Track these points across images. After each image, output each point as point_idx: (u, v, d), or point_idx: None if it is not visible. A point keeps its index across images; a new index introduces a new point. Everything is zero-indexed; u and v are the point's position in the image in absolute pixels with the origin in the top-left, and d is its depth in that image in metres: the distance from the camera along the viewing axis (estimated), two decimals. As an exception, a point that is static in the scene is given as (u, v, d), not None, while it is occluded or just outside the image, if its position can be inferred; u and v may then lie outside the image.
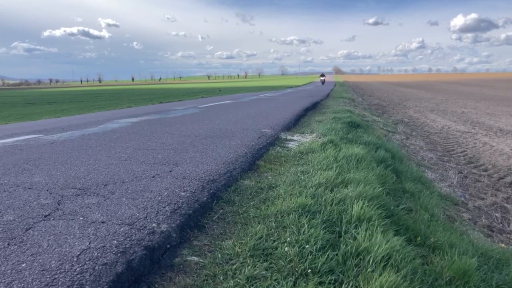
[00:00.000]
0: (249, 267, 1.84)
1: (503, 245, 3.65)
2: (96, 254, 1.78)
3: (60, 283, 1.54)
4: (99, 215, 2.29)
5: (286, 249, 1.97)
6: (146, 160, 3.86)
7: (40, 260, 1.72)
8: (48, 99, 34.38)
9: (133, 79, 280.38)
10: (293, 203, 2.60)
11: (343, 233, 2.24)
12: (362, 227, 2.26)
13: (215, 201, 2.74)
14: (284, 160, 4.13)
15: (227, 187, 3.06)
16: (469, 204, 4.90)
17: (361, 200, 2.68)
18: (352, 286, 1.74)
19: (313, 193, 2.86)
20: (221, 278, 1.76)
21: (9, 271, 1.62)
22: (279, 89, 30.87)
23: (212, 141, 5.00)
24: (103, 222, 2.17)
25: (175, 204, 2.50)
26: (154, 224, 2.15)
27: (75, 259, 1.72)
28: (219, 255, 1.97)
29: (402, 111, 17.06)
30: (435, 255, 2.33)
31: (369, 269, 1.84)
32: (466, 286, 2.03)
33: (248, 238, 2.13)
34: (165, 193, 2.72)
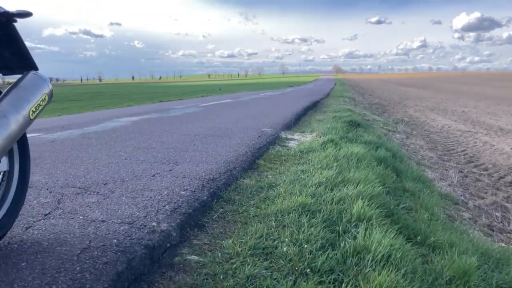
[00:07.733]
0: (249, 266, 1.84)
1: (503, 244, 3.66)
2: (96, 253, 1.78)
3: (60, 282, 1.54)
4: (99, 213, 2.29)
5: (286, 248, 1.98)
6: (146, 159, 3.86)
7: (41, 259, 1.72)
8: (48, 98, 34.29)
9: (133, 78, 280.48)
10: (293, 202, 2.60)
11: (343, 232, 2.24)
12: (362, 226, 2.26)
13: (215, 200, 2.74)
14: (284, 159, 4.13)
15: (227, 186, 3.06)
16: (469, 203, 4.89)
17: (361, 199, 2.67)
18: (352, 285, 1.74)
19: (313, 192, 2.86)
20: (221, 277, 1.76)
21: (9, 270, 1.63)
22: (279, 87, 30.85)
23: (212, 140, 5.00)
24: (103, 221, 2.17)
25: (175, 203, 2.50)
26: (154, 223, 2.15)
27: (75, 258, 1.72)
28: (219, 254, 1.97)
29: (402, 110, 17.05)
30: (435, 254, 2.33)
31: (369, 268, 1.84)
32: (466, 285, 2.03)
33: (248, 237, 2.13)
34: (165, 192, 2.72)
